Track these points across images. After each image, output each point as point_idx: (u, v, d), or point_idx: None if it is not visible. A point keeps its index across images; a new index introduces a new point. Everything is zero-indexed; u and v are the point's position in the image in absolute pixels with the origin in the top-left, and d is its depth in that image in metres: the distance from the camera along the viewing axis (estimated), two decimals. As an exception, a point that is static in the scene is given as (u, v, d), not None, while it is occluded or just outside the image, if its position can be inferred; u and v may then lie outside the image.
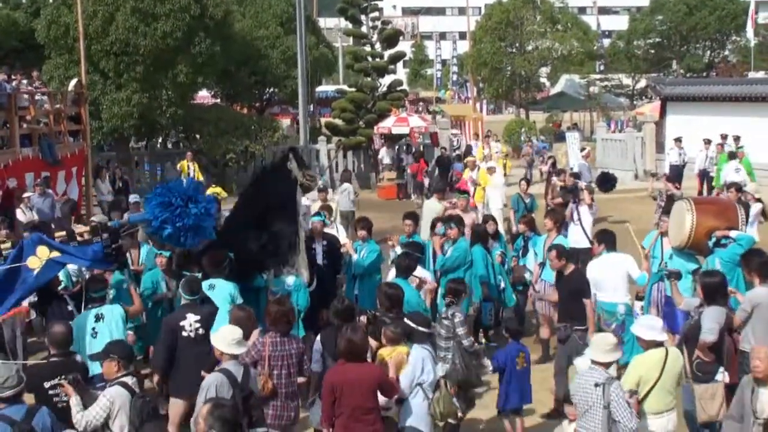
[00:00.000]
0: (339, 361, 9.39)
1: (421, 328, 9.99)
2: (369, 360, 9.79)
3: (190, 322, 10.90)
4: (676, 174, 31.23)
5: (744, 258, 11.90)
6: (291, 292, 12.86)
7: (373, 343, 10.24)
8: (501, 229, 19.52)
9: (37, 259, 10.87)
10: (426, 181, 33.64)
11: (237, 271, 12.42)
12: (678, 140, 32.40)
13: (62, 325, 9.67)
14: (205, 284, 11.86)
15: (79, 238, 11.91)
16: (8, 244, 12.77)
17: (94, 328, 10.97)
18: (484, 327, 15.64)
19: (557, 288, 12.99)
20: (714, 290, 10.54)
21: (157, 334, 11.70)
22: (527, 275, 15.37)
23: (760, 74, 48.23)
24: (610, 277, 13.37)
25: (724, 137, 32.17)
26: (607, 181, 25.08)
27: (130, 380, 8.82)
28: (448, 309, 11.41)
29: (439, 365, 10.06)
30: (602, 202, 24.37)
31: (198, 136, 36.46)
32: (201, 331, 10.83)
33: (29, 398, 8.88)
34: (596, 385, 8.81)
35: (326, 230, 15.60)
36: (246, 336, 9.65)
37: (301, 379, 10.28)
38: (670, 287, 12.42)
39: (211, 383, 8.92)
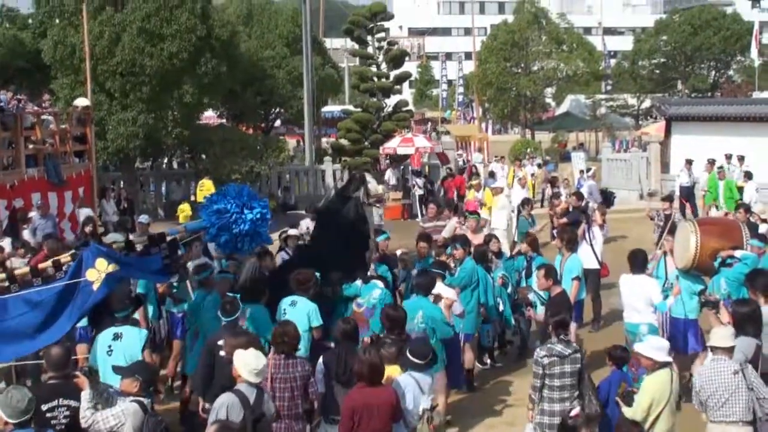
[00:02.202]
0: (358, 385, 9.34)
1: (411, 357, 9.84)
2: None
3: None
4: (686, 195, 31.27)
5: (749, 277, 11.89)
6: (376, 304, 13.03)
7: None
8: (506, 249, 19.54)
9: (96, 271, 10.61)
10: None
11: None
12: (689, 162, 32.26)
13: (59, 347, 9.54)
14: (287, 300, 12.13)
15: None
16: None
17: (110, 346, 10.84)
18: (487, 348, 15.63)
19: (546, 308, 12.76)
20: (745, 319, 10.23)
21: None
22: (531, 296, 15.33)
23: (765, 94, 48.25)
24: (633, 299, 13.45)
25: (729, 157, 32.17)
26: (605, 199, 25.27)
27: (146, 401, 8.81)
28: (567, 342, 10.55)
29: (424, 397, 9.80)
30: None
31: (203, 156, 36.49)
32: None
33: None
34: (735, 372, 9.32)
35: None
36: None
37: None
38: (710, 316, 11.93)
39: (223, 404, 8.93)
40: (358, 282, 13.32)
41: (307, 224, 19.42)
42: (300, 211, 26.27)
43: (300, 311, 11.95)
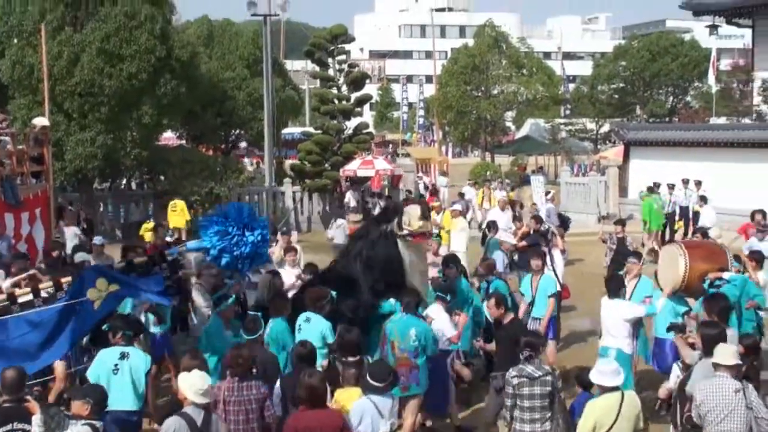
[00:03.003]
0: (300, 407, 9.33)
1: (370, 380, 9.84)
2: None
3: None
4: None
5: (706, 301, 12.03)
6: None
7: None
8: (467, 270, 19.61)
9: (97, 291, 10.87)
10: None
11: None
12: (656, 185, 32.45)
13: (13, 369, 9.41)
14: (302, 316, 12.46)
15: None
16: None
17: (116, 365, 10.80)
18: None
19: (496, 336, 12.74)
20: (713, 342, 10.22)
21: None
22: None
23: (722, 120, 48.70)
24: (609, 322, 13.56)
25: (686, 182, 32.47)
26: (562, 223, 25.47)
27: (98, 424, 8.73)
28: (539, 364, 10.52)
29: (383, 421, 9.75)
30: (564, 245, 24.62)
31: (162, 177, 36.33)
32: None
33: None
34: (737, 391, 9.48)
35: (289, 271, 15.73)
36: None
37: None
38: (675, 340, 12.13)
39: (170, 427, 8.89)
40: (393, 300, 13.33)
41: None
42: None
43: (314, 327, 12.33)
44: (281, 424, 10.08)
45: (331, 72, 41.99)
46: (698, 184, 32.01)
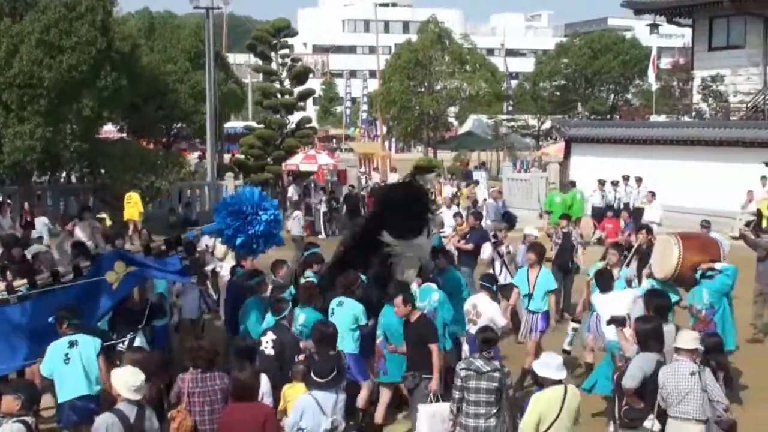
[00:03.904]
0: (231, 401, 9.43)
1: (313, 376, 9.83)
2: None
3: (267, 339, 11.69)
4: (599, 216, 31.69)
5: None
6: (437, 307, 13.56)
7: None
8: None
9: (115, 273, 11.32)
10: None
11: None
12: (601, 182, 32.69)
13: None
14: (335, 300, 12.89)
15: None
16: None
17: (67, 354, 10.79)
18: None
19: (404, 335, 12.52)
20: (648, 336, 10.38)
21: None
22: None
23: (662, 118, 49.28)
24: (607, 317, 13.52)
25: (626, 179, 32.78)
26: (508, 220, 25.54)
27: (30, 420, 8.65)
28: (490, 361, 10.53)
29: (325, 417, 9.72)
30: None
31: (103, 170, 35.92)
32: (269, 351, 11.57)
33: None
34: (692, 373, 9.85)
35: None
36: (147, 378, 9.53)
37: None
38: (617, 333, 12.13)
39: (102, 424, 8.82)
40: (414, 285, 13.64)
41: (206, 241, 19.28)
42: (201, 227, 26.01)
43: (347, 311, 12.79)
44: None
45: (274, 66, 41.84)
46: (639, 180, 32.33)
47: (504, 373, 10.50)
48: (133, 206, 31.01)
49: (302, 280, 14.72)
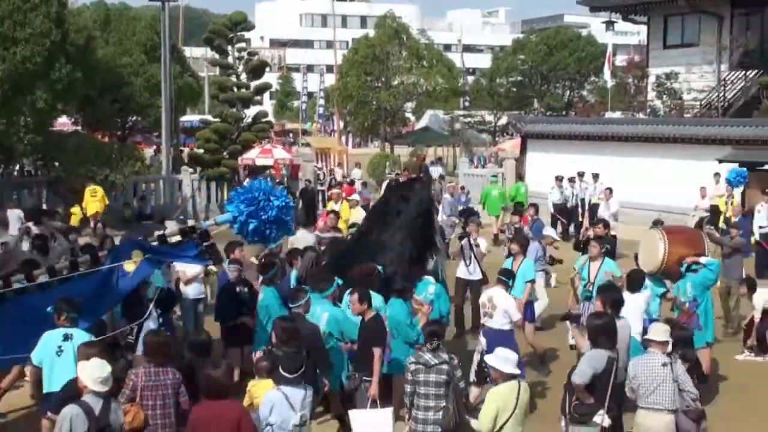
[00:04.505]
0: (203, 398, 9.28)
1: (282, 371, 9.80)
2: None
3: None
4: (558, 212, 31.85)
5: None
6: (433, 299, 13.98)
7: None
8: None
9: (132, 263, 11.60)
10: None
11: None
12: (559, 179, 32.76)
13: None
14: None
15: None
16: None
17: (60, 347, 10.90)
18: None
19: (358, 333, 12.64)
20: (599, 332, 10.47)
21: None
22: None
23: (617, 114, 49.64)
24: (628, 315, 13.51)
25: (581, 175, 32.94)
26: (469, 214, 25.60)
27: None
28: (437, 352, 10.61)
29: (293, 413, 9.69)
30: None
31: (57, 163, 35.58)
32: None
33: None
34: (664, 365, 10.36)
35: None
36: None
37: None
38: (576, 328, 12.35)
39: (66, 416, 8.77)
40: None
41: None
42: (156, 222, 25.83)
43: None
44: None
45: (230, 60, 41.67)
46: (596, 176, 32.49)
47: (452, 365, 10.58)
48: (99, 200, 30.67)
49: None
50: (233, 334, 14.49)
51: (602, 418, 10.14)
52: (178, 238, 12.19)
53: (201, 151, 40.98)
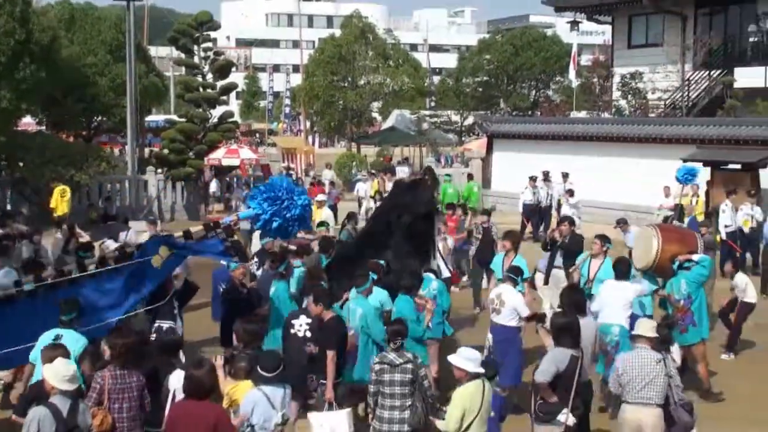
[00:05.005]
0: (185, 397, 9.25)
1: (260, 371, 9.81)
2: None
3: (301, 323, 12.31)
4: (530, 212, 31.86)
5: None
6: (436, 295, 14.30)
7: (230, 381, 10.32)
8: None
9: (159, 257, 11.99)
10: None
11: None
12: (533, 179, 32.68)
13: None
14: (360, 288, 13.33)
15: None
16: None
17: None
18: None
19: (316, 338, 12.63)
20: (562, 331, 10.56)
21: None
22: None
23: (582, 114, 49.87)
24: (612, 300, 13.99)
25: (546, 174, 32.93)
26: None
27: None
28: (401, 351, 10.68)
29: (275, 412, 9.72)
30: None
31: (21, 163, 35.34)
32: (308, 333, 12.19)
33: None
34: (658, 361, 10.59)
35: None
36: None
37: None
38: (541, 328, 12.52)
39: (34, 418, 8.73)
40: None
41: (130, 235, 19.17)
42: (121, 222, 25.68)
43: (373, 297, 13.32)
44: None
45: (196, 59, 41.48)
46: (565, 176, 32.56)
47: (417, 364, 10.62)
48: (67, 201, 30.50)
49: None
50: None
51: (566, 417, 10.20)
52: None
53: (166, 151, 40.74)
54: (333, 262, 15.57)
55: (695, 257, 14.71)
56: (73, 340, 10.94)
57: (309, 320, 12.21)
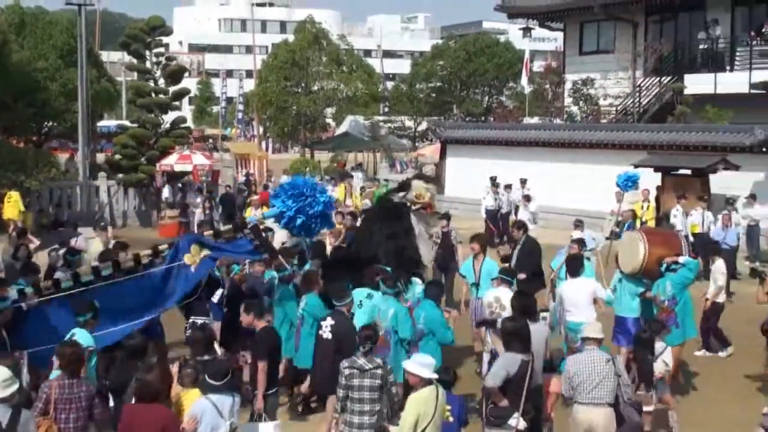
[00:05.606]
0: (135, 401, 9.26)
1: (208, 379, 9.75)
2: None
3: (327, 324, 12.32)
4: (491, 217, 31.88)
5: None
6: (420, 298, 14.03)
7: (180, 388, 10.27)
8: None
9: (191, 256, 12.34)
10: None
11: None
12: (495, 184, 32.57)
13: None
14: (363, 292, 13.49)
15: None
16: None
17: None
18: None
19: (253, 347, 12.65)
20: (511, 335, 10.61)
21: None
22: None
23: (535, 120, 50.21)
24: (577, 298, 14.32)
25: (493, 179, 32.85)
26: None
27: None
28: (370, 356, 10.64)
29: (223, 421, 9.62)
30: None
31: (-30, 169, 34.94)
32: (328, 335, 12.22)
33: None
34: (608, 361, 10.79)
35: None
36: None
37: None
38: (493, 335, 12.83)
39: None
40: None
41: (79, 241, 18.98)
42: (71, 228, 25.43)
43: (375, 302, 13.33)
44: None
45: (148, 64, 41.23)
46: (523, 182, 32.67)
47: (386, 369, 10.66)
48: (13, 205, 30.18)
49: None
50: (234, 336, 14.23)
51: (517, 421, 10.25)
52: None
53: (118, 156, 40.42)
54: (336, 263, 15.35)
55: (681, 259, 15.01)
56: (86, 339, 10.87)
57: (333, 322, 12.26)
